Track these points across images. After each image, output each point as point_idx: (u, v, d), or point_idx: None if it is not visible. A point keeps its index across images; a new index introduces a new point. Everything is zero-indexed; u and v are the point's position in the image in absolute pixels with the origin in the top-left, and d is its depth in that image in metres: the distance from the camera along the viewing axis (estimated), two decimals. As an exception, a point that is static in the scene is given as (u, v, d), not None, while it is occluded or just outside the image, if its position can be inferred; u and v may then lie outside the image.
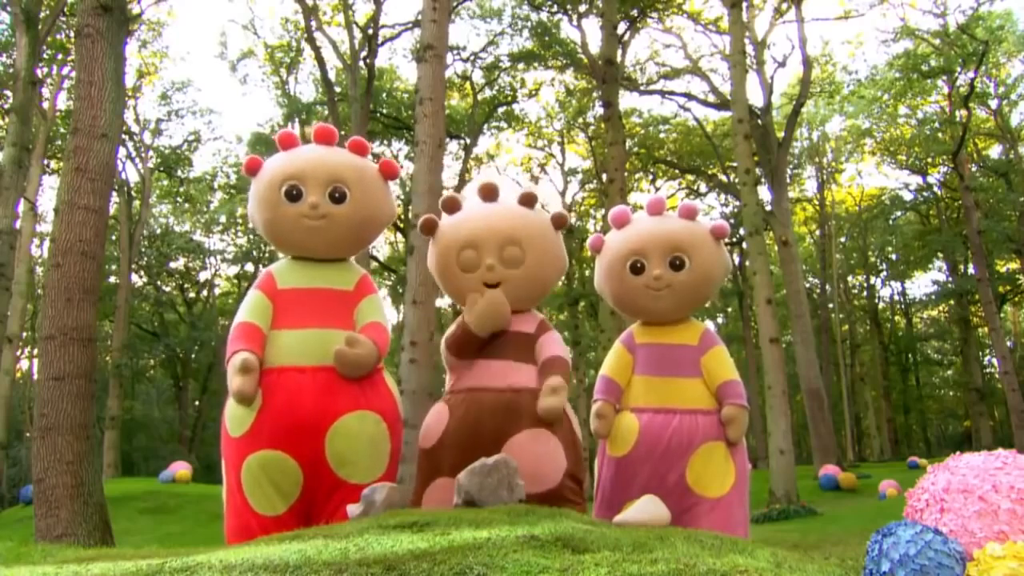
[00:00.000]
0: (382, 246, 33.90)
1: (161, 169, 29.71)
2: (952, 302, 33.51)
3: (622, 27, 22.22)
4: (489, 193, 4.10)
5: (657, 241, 4.02)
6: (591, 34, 28.24)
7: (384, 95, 27.40)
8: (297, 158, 3.80)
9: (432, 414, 3.91)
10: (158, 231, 32.31)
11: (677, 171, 31.12)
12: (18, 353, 22.33)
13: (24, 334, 23.37)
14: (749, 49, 21.79)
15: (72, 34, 18.37)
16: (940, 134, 29.66)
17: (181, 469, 16.21)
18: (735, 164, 20.17)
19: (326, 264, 3.84)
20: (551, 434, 3.69)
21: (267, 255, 32.26)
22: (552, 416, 3.65)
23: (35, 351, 27.81)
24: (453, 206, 4.10)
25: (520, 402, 3.70)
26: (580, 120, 30.45)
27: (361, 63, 23.12)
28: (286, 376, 3.51)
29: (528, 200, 4.11)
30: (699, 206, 4.29)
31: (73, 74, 17.98)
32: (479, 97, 27.85)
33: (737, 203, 26.41)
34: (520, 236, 3.92)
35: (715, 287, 4.22)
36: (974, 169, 29.65)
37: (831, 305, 36.49)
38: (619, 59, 21.86)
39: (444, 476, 3.67)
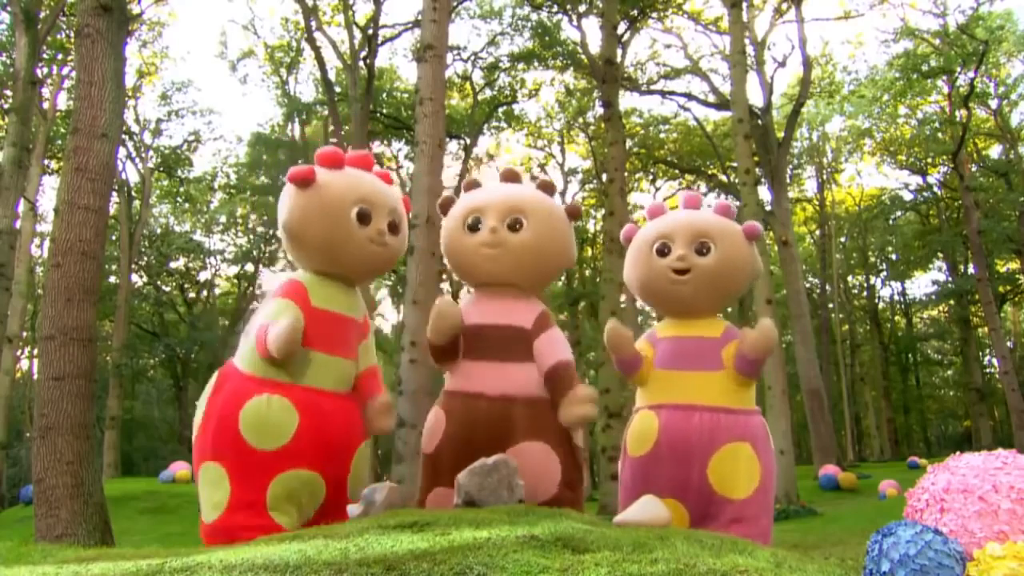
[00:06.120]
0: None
1: (161, 169, 29.73)
2: (952, 302, 33.50)
3: (622, 27, 22.20)
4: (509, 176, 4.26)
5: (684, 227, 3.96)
6: (591, 34, 28.27)
7: (384, 95, 27.40)
8: (364, 183, 3.92)
9: (431, 417, 3.87)
10: (158, 231, 32.33)
11: (677, 171, 31.12)
12: (18, 353, 22.34)
13: (24, 334, 23.35)
14: (749, 49, 21.77)
15: (72, 34, 18.35)
16: (940, 134, 29.66)
17: (181, 469, 16.19)
18: (735, 164, 20.18)
19: (347, 288, 3.93)
20: (546, 445, 3.59)
21: (267, 255, 32.29)
22: (579, 423, 3.67)
23: (35, 351, 27.80)
24: (471, 186, 4.25)
25: (514, 412, 3.61)
26: (580, 120, 30.46)
27: (361, 63, 23.11)
28: (321, 398, 3.61)
29: (546, 187, 4.20)
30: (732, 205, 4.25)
31: (73, 74, 17.99)
32: (479, 97, 27.84)
33: (737, 203, 26.39)
34: (525, 206, 3.92)
35: (742, 279, 4.05)
36: (974, 169, 29.65)
37: (831, 305, 36.48)
38: (619, 59, 21.85)
39: (442, 486, 3.64)
